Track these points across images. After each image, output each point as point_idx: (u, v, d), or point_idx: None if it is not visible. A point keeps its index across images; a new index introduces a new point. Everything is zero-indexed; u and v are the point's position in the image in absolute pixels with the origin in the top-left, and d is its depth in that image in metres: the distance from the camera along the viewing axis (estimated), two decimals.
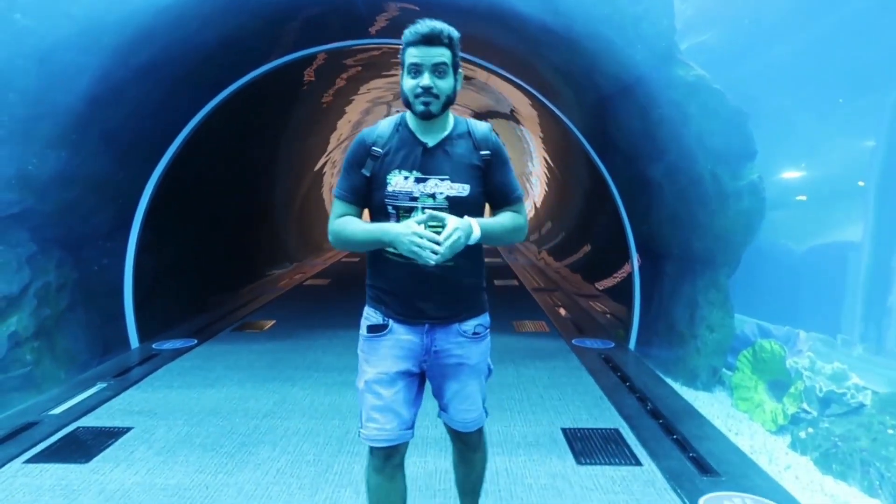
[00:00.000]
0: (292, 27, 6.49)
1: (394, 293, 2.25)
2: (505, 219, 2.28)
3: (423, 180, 2.17)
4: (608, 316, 7.96)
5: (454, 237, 2.00)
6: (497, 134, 2.33)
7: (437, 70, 2.13)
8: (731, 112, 5.28)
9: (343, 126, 13.86)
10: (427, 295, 2.22)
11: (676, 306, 5.82)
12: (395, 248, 2.09)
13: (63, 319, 5.52)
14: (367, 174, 2.22)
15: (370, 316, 2.31)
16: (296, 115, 10.39)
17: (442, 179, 2.18)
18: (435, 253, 1.99)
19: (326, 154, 14.36)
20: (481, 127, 2.31)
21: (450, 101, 2.20)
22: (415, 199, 2.17)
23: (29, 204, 5.10)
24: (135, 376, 5.45)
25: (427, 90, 2.12)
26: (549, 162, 12.91)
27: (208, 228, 8.33)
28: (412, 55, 2.13)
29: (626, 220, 6.57)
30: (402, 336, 2.26)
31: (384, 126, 2.29)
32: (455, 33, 2.17)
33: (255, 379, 5.29)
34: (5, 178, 4.91)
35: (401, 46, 2.18)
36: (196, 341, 6.52)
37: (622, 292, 7.20)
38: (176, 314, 7.30)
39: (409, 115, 2.26)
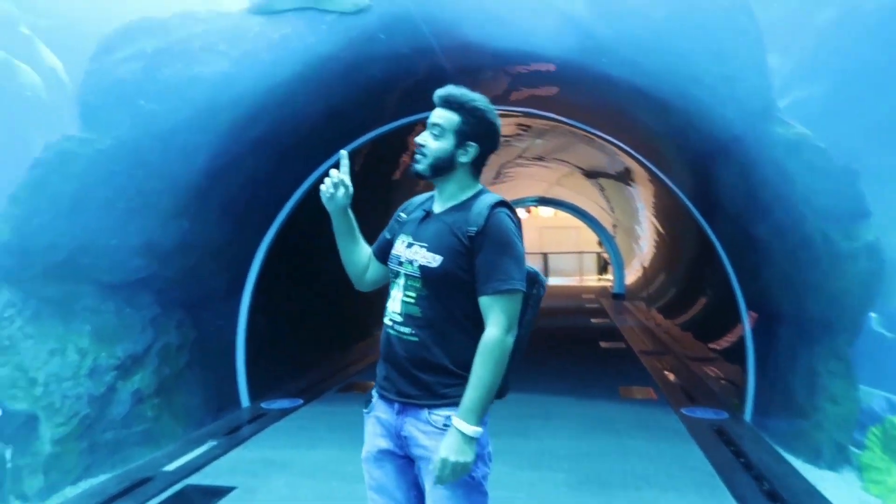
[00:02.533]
0: (391, 98, 6.77)
1: (379, 360, 2.19)
2: (478, 370, 1.93)
3: (411, 245, 2.10)
4: (722, 382, 7.50)
5: (446, 471, 1.89)
6: (508, 213, 2.07)
7: (433, 130, 2.09)
8: (839, 170, 4.97)
9: None
10: (393, 364, 2.09)
11: (794, 374, 5.41)
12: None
13: (181, 378, 5.86)
14: (388, 237, 2.25)
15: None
16: (395, 181, 10.72)
17: (422, 246, 2.06)
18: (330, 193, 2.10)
19: None
20: (485, 201, 2.07)
21: (438, 165, 2.08)
22: (401, 263, 2.10)
23: (154, 269, 5.52)
24: (243, 435, 5.66)
25: (418, 147, 2.10)
26: (657, 221, 12.57)
27: (316, 290, 8.66)
28: None
29: (734, 280, 6.25)
30: (380, 413, 2.14)
31: (423, 194, 2.29)
32: (475, 104, 2.09)
33: (355, 442, 5.25)
34: (134, 246, 5.35)
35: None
36: (301, 401, 6.71)
37: (735, 356, 6.78)
38: (284, 374, 7.57)
39: None
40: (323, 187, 2.11)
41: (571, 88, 5.89)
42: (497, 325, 1.94)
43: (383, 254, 2.28)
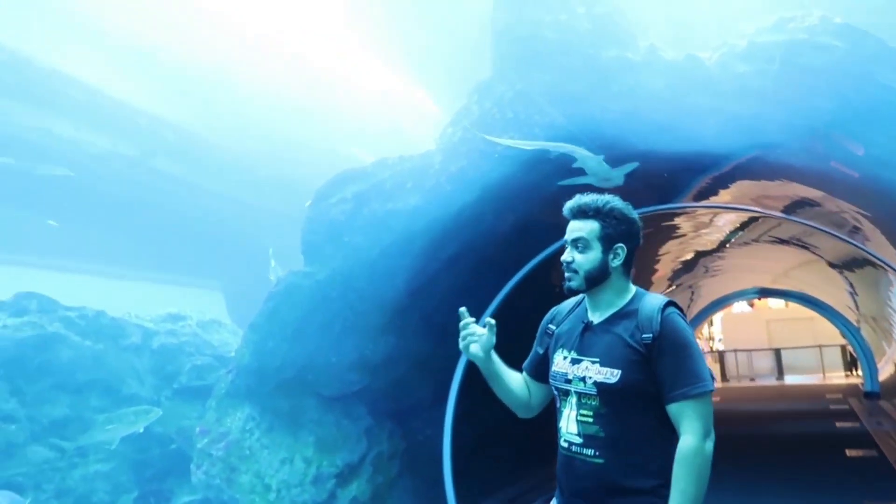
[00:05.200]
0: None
1: (559, 482, 2.08)
2: (680, 484, 1.82)
3: (578, 361, 2.01)
4: None
5: None
6: (679, 312, 1.97)
7: (577, 244, 2.03)
8: None
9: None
10: (577, 489, 1.97)
11: None
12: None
13: (393, 486, 6.25)
14: (541, 351, 2.21)
15: None
16: None
17: (592, 362, 1.96)
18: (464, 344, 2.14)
19: None
20: (651, 304, 1.98)
21: (593, 277, 2.03)
22: (569, 381, 2.01)
23: (366, 382, 6.10)
24: None
25: (567, 265, 2.05)
26: None
27: None
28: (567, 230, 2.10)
29: None
30: None
31: (568, 302, 2.23)
32: (610, 205, 2.03)
33: None
34: (349, 362, 5.99)
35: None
36: None
37: None
38: (490, 483, 7.66)
39: None
40: (461, 341, 2.16)
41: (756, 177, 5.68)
42: (693, 432, 1.84)
43: (537, 371, 2.27)
